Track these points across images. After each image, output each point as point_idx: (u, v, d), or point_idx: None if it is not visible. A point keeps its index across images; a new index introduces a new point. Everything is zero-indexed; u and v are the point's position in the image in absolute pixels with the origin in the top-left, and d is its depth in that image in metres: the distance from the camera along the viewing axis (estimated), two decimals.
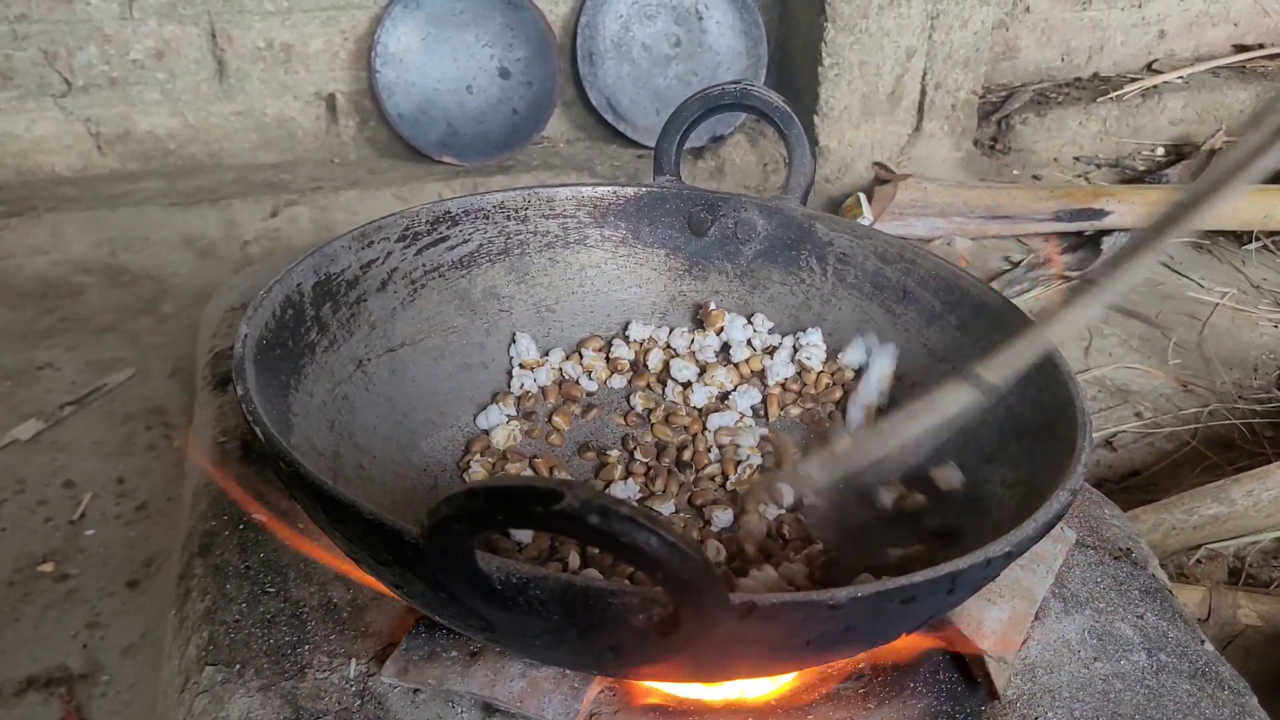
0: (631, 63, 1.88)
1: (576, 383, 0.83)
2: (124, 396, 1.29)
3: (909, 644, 0.61)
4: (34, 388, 1.30)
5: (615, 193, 0.84)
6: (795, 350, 0.83)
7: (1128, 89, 2.18)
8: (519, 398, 0.81)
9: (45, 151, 1.66)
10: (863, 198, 1.78)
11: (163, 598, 0.90)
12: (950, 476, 0.67)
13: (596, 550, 0.62)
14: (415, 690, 0.58)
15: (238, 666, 0.61)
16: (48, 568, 1.03)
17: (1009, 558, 0.50)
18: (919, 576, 0.47)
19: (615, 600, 0.43)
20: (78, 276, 1.54)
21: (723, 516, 0.70)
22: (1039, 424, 0.64)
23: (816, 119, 1.89)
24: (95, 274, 1.55)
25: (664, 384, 0.84)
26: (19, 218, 1.53)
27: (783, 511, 0.71)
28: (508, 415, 0.79)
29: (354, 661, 0.61)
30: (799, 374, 0.83)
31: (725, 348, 0.85)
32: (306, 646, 0.62)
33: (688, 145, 0.86)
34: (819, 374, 0.82)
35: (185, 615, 0.67)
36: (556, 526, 0.39)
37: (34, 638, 0.95)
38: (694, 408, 0.82)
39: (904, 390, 0.78)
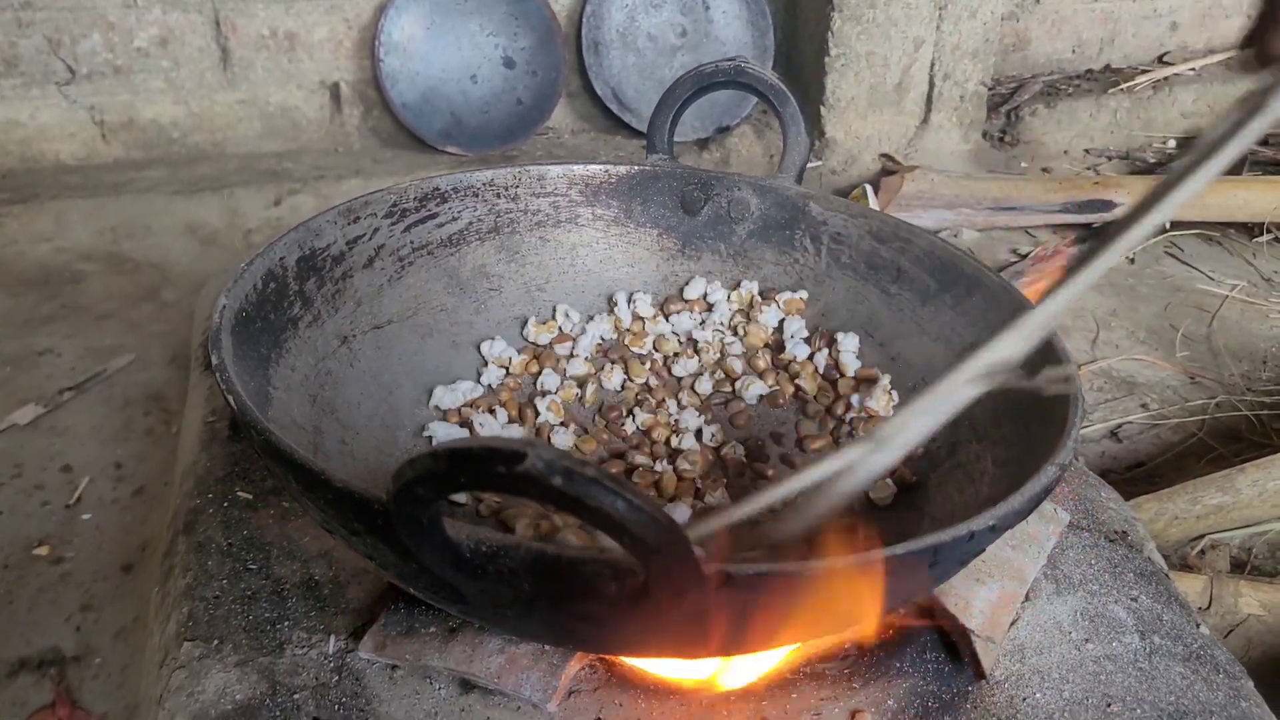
0: (637, 53, 1.87)
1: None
2: (123, 382, 1.29)
3: (894, 621, 0.60)
4: (33, 373, 1.30)
5: (607, 171, 0.83)
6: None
7: (1139, 81, 2.16)
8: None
9: (49, 139, 1.67)
10: (869, 189, 1.76)
11: (154, 580, 0.90)
12: None
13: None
14: (393, 666, 0.58)
15: (215, 642, 0.60)
16: (43, 551, 1.03)
17: (994, 531, 0.49)
18: (900, 549, 0.46)
19: (585, 568, 0.42)
20: (80, 264, 1.54)
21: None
22: (1032, 403, 0.63)
23: (823, 110, 1.87)
24: (97, 261, 1.55)
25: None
26: (22, 205, 1.53)
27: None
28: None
29: (333, 638, 0.60)
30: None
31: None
32: (286, 623, 0.61)
33: (693, 136, 0.86)
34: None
35: (167, 592, 0.66)
36: (521, 489, 0.38)
37: (27, 620, 0.95)
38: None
39: (897, 370, 0.77)
